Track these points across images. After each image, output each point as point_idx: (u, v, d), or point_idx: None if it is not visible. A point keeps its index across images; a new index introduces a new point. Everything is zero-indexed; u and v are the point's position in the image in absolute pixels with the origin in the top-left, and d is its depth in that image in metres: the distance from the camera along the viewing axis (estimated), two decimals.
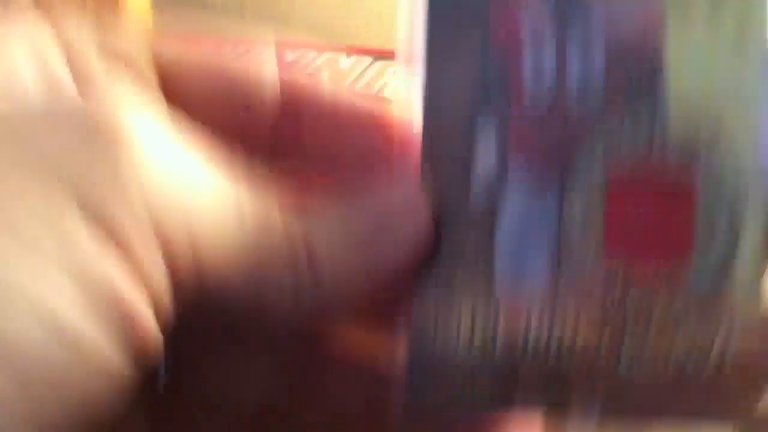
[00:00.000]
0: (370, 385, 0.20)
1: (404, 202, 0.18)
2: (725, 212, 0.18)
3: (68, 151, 0.13)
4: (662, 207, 0.18)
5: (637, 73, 0.18)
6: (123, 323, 0.13)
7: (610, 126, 0.18)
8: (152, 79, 0.17)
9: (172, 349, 0.14)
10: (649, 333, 0.18)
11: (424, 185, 0.18)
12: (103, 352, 0.13)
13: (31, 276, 0.12)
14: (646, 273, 0.18)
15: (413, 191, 0.18)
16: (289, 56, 0.74)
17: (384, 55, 0.51)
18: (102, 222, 0.12)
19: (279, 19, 0.85)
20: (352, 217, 0.17)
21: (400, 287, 0.18)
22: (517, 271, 0.18)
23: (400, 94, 0.20)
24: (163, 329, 0.14)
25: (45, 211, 0.12)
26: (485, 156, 0.18)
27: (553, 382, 0.19)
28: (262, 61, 0.19)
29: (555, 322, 0.18)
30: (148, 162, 0.14)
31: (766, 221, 0.18)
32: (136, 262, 0.13)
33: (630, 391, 0.19)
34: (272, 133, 0.19)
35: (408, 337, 0.19)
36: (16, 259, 0.12)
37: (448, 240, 0.18)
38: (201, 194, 0.14)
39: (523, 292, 0.18)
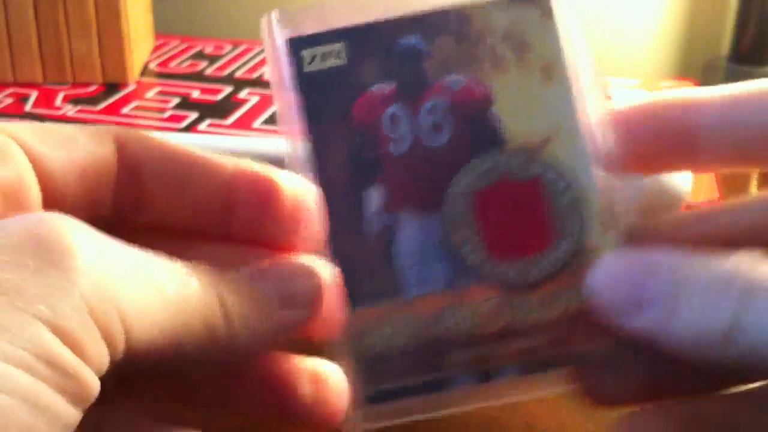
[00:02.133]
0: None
1: (300, 268, 0.23)
2: (570, 206, 0.24)
3: (21, 265, 0.17)
4: (521, 210, 0.24)
5: (477, 120, 0.24)
6: (66, 379, 0.17)
7: (464, 162, 0.24)
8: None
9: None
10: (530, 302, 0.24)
11: (324, 247, 0.23)
12: (50, 401, 0.17)
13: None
14: (519, 258, 0.24)
15: (307, 258, 0.23)
16: None
17: None
18: (50, 314, 0.17)
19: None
20: (257, 281, 0.22)
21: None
22: (421, 275, 0.24)
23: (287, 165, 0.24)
24: (101, 379, 0.18)
25: (5, 312, 0.17)
26: (371, 203, 0.24)
27: (468, 351, 0.24)
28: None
29: (460, 310, 0.24)
30: (83, 264, 0.18)
31: (600, 208, 0.24)
32: (75, 339, 0.17)
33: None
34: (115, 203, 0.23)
35: (346, 346, 0.23)
36: None
37: (353, 266, 0.23)
38: (126, 279, 0.19)
39: (430, 289, 0.24)
